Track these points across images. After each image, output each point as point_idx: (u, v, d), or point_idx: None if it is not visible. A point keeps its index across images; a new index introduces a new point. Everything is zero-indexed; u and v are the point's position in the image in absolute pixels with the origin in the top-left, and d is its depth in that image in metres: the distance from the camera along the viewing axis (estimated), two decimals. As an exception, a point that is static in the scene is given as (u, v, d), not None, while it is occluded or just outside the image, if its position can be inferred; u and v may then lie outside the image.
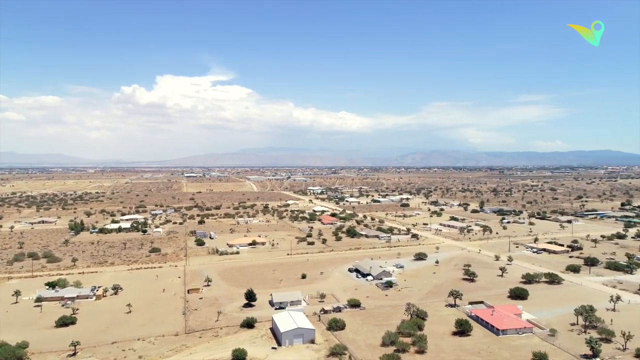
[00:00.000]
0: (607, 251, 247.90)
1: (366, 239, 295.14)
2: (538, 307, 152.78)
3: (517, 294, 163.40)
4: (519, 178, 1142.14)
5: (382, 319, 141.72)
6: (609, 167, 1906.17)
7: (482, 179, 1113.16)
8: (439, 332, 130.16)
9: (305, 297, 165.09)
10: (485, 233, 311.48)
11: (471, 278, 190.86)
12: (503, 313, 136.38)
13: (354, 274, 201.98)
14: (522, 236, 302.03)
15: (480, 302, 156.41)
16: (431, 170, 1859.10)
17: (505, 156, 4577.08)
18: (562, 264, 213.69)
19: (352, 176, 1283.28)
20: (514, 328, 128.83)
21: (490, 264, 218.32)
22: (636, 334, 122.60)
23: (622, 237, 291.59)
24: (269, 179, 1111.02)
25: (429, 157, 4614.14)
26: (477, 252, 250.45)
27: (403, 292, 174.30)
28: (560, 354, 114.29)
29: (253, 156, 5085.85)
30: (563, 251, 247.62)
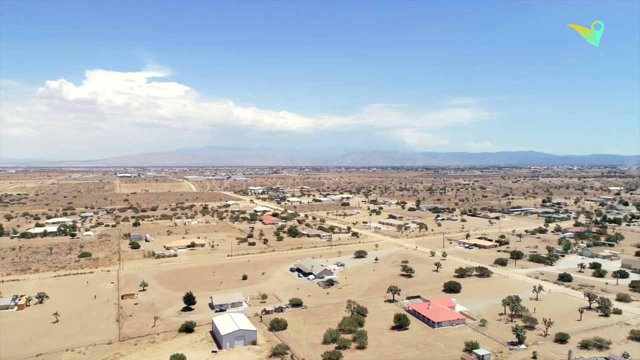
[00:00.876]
0: (530, 245, 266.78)
1: (308, 238, 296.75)
2: (470, 299, 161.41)
3: (451, 288, 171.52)
4: (452, 177, 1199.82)
5: (324, 317, 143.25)
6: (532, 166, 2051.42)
7: (418, 179, 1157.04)
8: (378, 327, 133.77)
9: (247, 298, 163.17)
10: (422, 230, 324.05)
11: (409, 274, 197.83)
12: (438, 306, 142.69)
13: (295, 273, 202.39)
14: (455, 232, 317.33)
15: (417, 297, 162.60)
16: (370, 170, 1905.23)
17: (439, 156, 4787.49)
18: (491, 258, 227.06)
19: (294, 176, 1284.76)
20: (448, 320, 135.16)
21: (426, 260, 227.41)
22: (556, 320, 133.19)
23: (543, 232, 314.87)
24: (209, 179, 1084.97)
25: (368, 157, 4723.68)
26: (414, 248, 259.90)
27: (344, 289, 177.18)
28: (490, 343, 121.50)
29: (191, 156, 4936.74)
30: (492, 246, 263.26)
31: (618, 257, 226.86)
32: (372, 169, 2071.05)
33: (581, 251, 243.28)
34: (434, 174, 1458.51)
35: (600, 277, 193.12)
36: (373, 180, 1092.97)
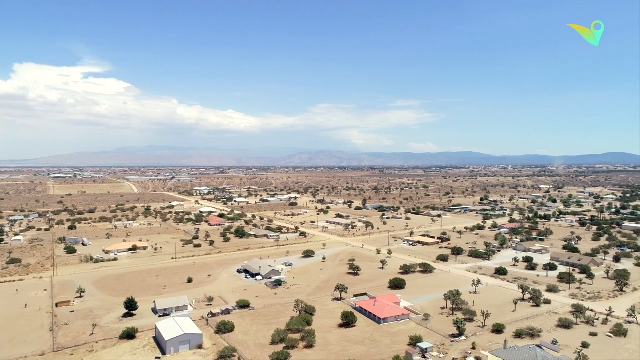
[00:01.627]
0: (470, 241, 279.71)
1: (255, 238, 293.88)
2: (414, 294, 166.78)
3: (396, 284, 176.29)
4: (397, 177, 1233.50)
5: (272, 318, 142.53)
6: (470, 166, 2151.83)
7: (364, 178, 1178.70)
8: (326, 326, 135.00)
9: (192, 301, 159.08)
10: (368, 229, 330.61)
11: (356, 272, 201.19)
12: (384, 303, 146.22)
13: (243, 274, 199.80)
14: (400, 230, 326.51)
15: (364, 294, 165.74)
16: (318, 170, 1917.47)
17: (384, 156, 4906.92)
18: (433, 255, 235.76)
19: (241, 176, 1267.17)
20: (393, 316, 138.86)
21: (372, 258, 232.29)
22: (493, 312, 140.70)
23: (481, 228, 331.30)
24: (151, 180, 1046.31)
25: (315, 157, 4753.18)
26: (360, 247, 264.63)
27: (292, 289, 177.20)
28: (433, 336, 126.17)
29: (133, 155, 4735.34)
30: (434, 243, 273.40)
31: (548, 251, 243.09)
32: (319, 169, 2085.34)
33: (515, 246, 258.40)
34: (380, 173, 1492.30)
35: (532, 270, 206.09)
36: (320, 180, 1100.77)
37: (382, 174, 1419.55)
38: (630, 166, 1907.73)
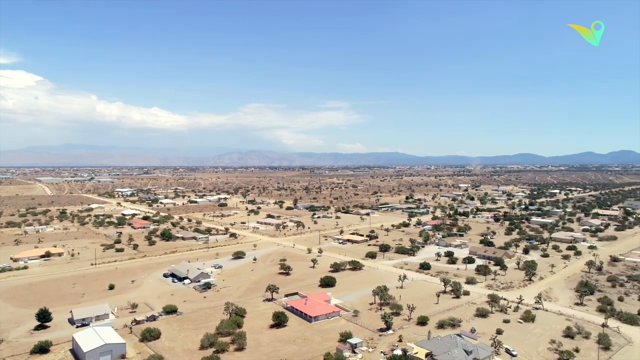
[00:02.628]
0: (396, 238, 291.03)
1: (183, 241, 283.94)
2: (344, 292, 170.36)
3: (326, 282, 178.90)
4: (327, 177, 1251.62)
5: (201, 322, 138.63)
6: (397, 166, 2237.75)
7: (295, 178, 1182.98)
8: (257, 327, 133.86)
9: (114, 309, 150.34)
10: (299, 228, 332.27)
11: (287, 272, 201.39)
12: (315, 301, 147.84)
13: (170, 278, 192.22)
14: (330, 229, 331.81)
15: (295, 294, 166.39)
16: (248, 170, 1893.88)
17: (315, 156, 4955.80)
18: (362, 252, 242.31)
19: (167, 176, 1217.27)
20: (324, 314, 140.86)
21: (303, 257, 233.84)
22: (418, 305, 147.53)
23: (407, 226, 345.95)
24: (67, 181, 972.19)
25: (246, 157, 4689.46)
26: (291, 246, 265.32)
27: (222, 292, 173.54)
28: (362, 331, 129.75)
29: (46, 154, 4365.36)
30: (363, 240, 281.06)
31: (467, 246, 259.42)
32: (250, 169, 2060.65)
33: (438, 242, 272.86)
34: (310, 173, 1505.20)
35: (453, 263, 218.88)
36: (251, 180, 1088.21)
37: (312, 174, 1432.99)
38: (537, 166, 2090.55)
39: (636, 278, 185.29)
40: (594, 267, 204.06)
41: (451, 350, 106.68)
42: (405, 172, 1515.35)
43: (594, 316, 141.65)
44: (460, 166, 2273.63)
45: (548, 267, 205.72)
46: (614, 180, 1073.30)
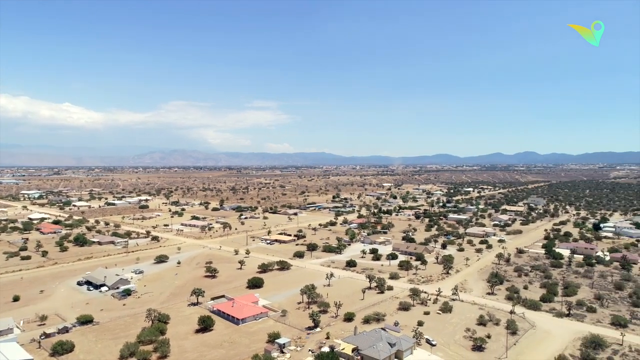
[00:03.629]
0: (323, 237, 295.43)
1: (99, 246, 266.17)
2: (272, 292, 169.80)
3: (254, 284, 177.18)
4: (255, 177, 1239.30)
5: (120, 331, 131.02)
6: (324, 166, 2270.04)
7: (221, 178, 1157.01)
8: (182, 333, 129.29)
9: (20, 322, 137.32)
10: (226, 230, 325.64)
11: (213, 274, 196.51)
12: (242, 303, 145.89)
13: (84, 287, 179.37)
14: (258, 230, 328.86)
15: (221, 296, 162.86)
16: (172, 170, 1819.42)
17: (242, 156, 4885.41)
18: (290, 252, 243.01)
19: (81, 177, 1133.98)
20: (252, 315, 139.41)
21: (230, 259, 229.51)
22: (344, 302, 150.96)
23: (334, 224, 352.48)
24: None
25: (169, 157, 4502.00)
26: (218, 248, 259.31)
27: (143, 298, 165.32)
28: (291, 330, 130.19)
29: None
30: (291, 240, 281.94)
31: (390, 242, 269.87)
32: (173, 169, 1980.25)
33: (363, 239, 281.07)
34: (237, 173, 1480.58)
35: (377, 260, 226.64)
36: (175, 180, 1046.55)
37: (239, 174, 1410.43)
38: (453, 166, 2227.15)
39: (538, 267, 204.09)
40: (503, 259, 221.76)
41: (376, 344, 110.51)
42: (332, 172, 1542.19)
43: (503, 304, 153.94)
44: (383, 166, 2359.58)
45: (463, 261, 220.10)
46: (520, 178, 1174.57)
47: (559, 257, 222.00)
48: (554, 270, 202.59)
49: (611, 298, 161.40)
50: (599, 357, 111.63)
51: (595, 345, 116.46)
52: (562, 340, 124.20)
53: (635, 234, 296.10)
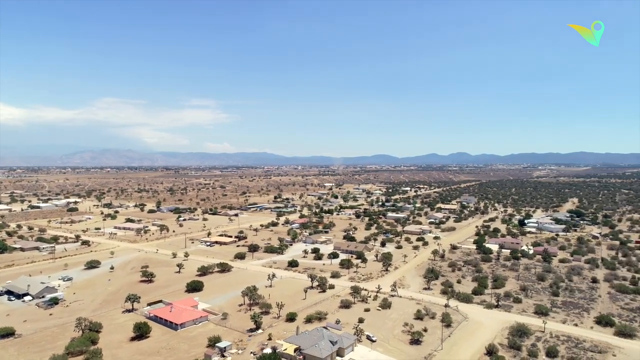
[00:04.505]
0: (265, 237, 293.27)
1: (22, 252, 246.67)
2: (213, 295, 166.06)
3: (193, 287, 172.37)
4: (194, 177, 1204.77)
5: (46, 343, 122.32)
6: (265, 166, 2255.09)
7: (158, 179, 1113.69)
8: (116, 341, 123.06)
9: None
10: (163, 232, 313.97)
11: (150, 279, 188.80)
12: (181, 307, 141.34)
13: (4, 297, 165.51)
14: (197, 232, 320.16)
15: (159, 302, 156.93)
16: (104, 171, 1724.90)
17: (180, 156, 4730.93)
18: (231, 253, 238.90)
19: (0, 178, 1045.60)
20: (191, 320, 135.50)
21: (168, 262, 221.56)
22: (287, 302, 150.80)
23: (275, 225, 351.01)
24: None
25: (100, 157, 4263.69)
26: (154, 252, 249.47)
27: (73, 306, 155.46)
28: (232, 333, 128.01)
29: None
30: (232, 242, 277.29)
31: (332, 242, 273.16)
32: (105, 170, 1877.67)
33: (305, 239, 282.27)
34: (175, 174, 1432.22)
35: (319, 259, 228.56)
36: (107, 181, 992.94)
37: (177, 175, 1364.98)
38: (392, 166, 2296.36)
39: (470, 262, 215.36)
40: (438, 255, 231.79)
41: (318, 342, 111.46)
42: (273, 172, 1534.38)
43: (439, 298, 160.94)
44: (325, 166, 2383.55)
45: (401, 258, 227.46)
46: (453, 178, 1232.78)
47: (489, 252, 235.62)
48: (485, 264, 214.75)
49: (534, 289, 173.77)
50: (524, 344, 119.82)
51: (521, 334, 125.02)
52: (492, 330, 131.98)
53: (555, 229, 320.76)
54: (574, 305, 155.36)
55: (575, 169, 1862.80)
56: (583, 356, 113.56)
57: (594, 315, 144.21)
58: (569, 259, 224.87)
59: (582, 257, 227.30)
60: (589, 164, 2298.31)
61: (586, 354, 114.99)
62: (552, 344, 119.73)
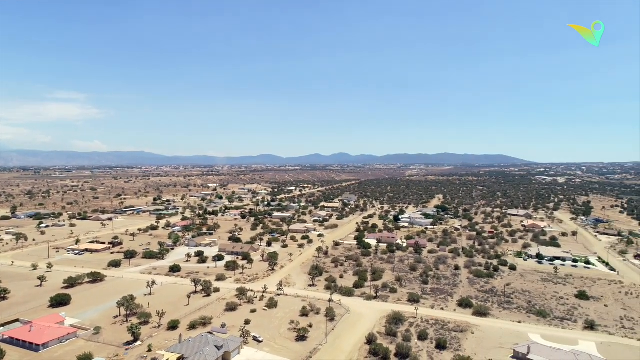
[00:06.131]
0: (144, 242, 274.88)
1: None
2: (83, 308, 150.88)
3: (59, 301, 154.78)
4: (58, 178, 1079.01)
5: None
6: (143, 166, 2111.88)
7: (14, 181, 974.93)
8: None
9: None
10: (20, 241, 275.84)
11: (3, 296, 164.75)
12: (43, 325, 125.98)
13: None
14: (63, 239, 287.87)
15: (15, 321, 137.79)
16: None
17: (41, 155, 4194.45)
18: (104, 261, 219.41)
19: None
20: (56, 338, 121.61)
21: (27, 275, 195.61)
22: (168, 309, 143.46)
23: (155, 228, 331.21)
24: None
25: None
26: (9, 264, 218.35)
27: None
28: (106, 349, 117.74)
29: None
30: (105, 249, 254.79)
31: (216, 244, 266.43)
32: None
33: (188, 242, 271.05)
34: (35, 175, 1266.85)
35: (203, 263, 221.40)
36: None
37: (38, 176, 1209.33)
38: (277, 166, 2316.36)
39: (351, 257, 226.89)
40: (322, 252, 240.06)
41: (203, 349, 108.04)
42: (152, 173, 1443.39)
43: (323, 294, 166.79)
44: (209, 166, 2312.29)
45: (287, 256, 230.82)
46: (335, 177, 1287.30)
47: (368, 246, 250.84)
48: (364, 258, 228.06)
49: (408, 278, 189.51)
50: (399, 331, 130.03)
51: (396, 321, 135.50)
52: (371, 320, 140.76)
53: (424, 223, 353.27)
54: (441, 291, 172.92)
55: (441, 168, 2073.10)
56: (448, 336, 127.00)
57: (457, 299, 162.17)
58: (437, 250, 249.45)
59: (447, 248, 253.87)
60: (451, 164, 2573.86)
61: (450, 334, 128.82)
62: (422, 328, 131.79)
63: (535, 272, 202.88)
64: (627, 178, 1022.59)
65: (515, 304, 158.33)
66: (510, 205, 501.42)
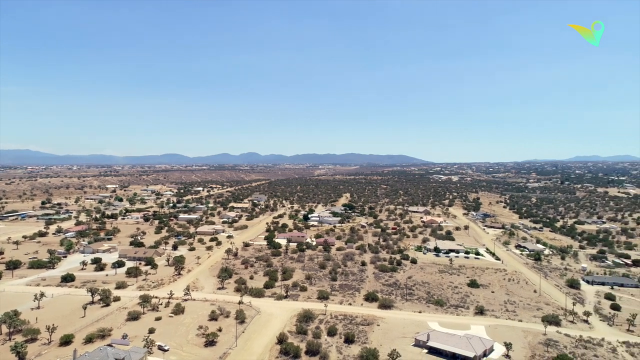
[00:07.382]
0: (30, 251, 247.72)
1: None
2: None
3: None
4: None
5: None
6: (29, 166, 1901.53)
7: None
8: None
9: None
10: None
11: None
12: None
13: None
14: None
15: None
16: None
17: None
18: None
19: None
20: None
21: None
22: (60, 323, 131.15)
23: (44, 235, 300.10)
24: None
25: None
26: None
27: None
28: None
29: None
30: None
31: (116, 249, 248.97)
32: None
33: (84, 249, 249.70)
34: None
35: (101, 270, 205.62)
36: None
37: None
38: (183, 166, 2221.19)
39: (262, 258, 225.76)
40: (231, 253, 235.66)
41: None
42: (40, 173, 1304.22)
43: (233, 296, 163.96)
44: (107, 166, 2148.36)
45: (195, 260, 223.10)
46: (245, 177, 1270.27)
47: (278, 246, 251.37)
48: (275, 258, 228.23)
49: (317, 276, 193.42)
50: (309, 328, 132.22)
51: (307, 319, 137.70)
52: (282, 319, 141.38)
53: (333, 221, 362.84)
54: (349, 287, 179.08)
55: (348, 167, 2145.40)
56: (356, 330, 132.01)
57: (364, 293, 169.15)
58: (344, 247, 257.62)
59: (354, 245, 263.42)
60: (357, 164, 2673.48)
61: (358, 328, 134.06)
62: (332, 324, 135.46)
63: (434, 265, 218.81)
64: (509, 176, 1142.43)
65: (416, 295, 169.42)
66: (411, 202, 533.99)
